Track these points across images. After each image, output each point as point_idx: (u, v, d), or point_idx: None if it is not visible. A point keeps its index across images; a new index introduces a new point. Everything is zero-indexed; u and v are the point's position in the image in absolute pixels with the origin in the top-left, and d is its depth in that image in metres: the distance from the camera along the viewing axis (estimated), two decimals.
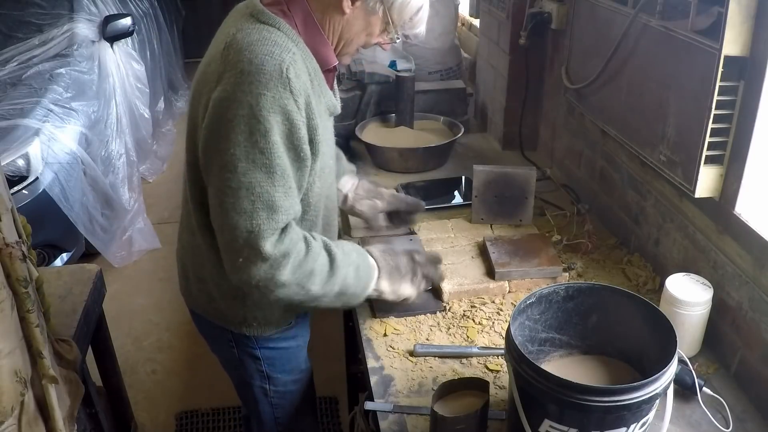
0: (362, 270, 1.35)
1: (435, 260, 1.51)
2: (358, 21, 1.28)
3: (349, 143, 2.35)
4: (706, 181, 1.29)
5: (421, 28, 1.34)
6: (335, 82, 1.41)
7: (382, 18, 1.28)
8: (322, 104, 1.28)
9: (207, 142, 1.19)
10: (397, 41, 1.34)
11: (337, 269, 1.29)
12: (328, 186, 1.40)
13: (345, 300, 1.34)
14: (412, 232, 1.78)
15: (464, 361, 1.37)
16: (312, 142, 1.23)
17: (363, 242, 1.68)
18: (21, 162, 2.92)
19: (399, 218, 1.73)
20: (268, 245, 1.18)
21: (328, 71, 1.31)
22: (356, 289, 1.34)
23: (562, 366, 1.21)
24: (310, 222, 1.36)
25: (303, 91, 1.18)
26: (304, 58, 1.22)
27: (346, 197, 1.67)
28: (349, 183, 1.68)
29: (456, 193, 2.14)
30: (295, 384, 1.58)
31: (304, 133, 1.20)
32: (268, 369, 1.51)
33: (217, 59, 1.19)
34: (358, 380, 2.12)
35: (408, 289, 1.43)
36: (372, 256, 1.40)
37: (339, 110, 1.38)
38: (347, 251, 1.34)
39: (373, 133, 2.34)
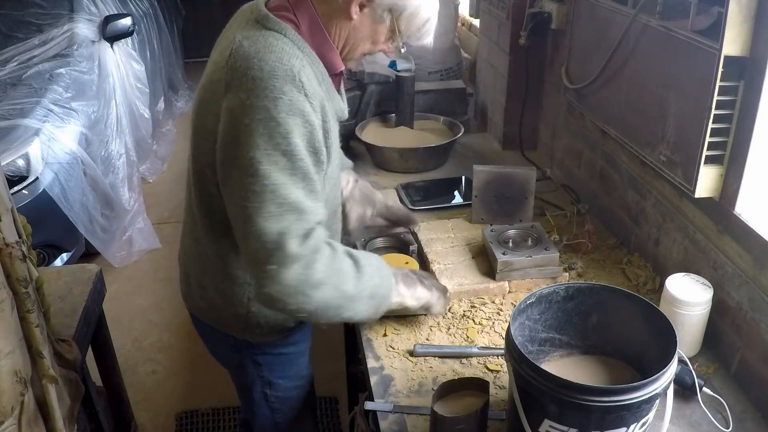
0: (384, 271, 1.32)
1: (440, 286, 1.47)
2: (364, 27, 1.27)
3: (349, 143, 2.35)
4: (706, 181, 1.29)
5: (428, 39, 1.34)
6: (342, 86, 1.40)
7: (389, 26, 1.28)
8: (331, 109, 1.27)
9: (225, 150, 1.16)
10: (403, 51, 1.34)
11: (362, 268, 1.25)
12: (333, 191, 1.39)
13: (376, 304, 1.29)
14: (409, 232, 1.75)
15: (464, 361, 1.37)
16: (326, 145, 1.22)
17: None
18: (21, 162, 2.92)
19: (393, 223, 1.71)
20: (298, 245, 1.14)
21: (335, 76, 1.31)
22: (384, 290, 1.30)
23: (562, 366, 1.21)
24: None
25: (316, 95, 1.18)
26: (311, 63, 1.21)
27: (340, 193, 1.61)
28: (346, 179, 1.63)
29: (456, 193, 2.14)
30: (296, 390, 1.58)
31: (321, 136, 1.18)
32: (269, 374, 1.51)
33: (222, 66, 1.17)
34: (358, 380, 2.12)
35: (424, 292, 1.39)
36: None
37: (346, 115, 1.36)
38: (365, 254, 1.32)
39: (373, 133, 2.34)
